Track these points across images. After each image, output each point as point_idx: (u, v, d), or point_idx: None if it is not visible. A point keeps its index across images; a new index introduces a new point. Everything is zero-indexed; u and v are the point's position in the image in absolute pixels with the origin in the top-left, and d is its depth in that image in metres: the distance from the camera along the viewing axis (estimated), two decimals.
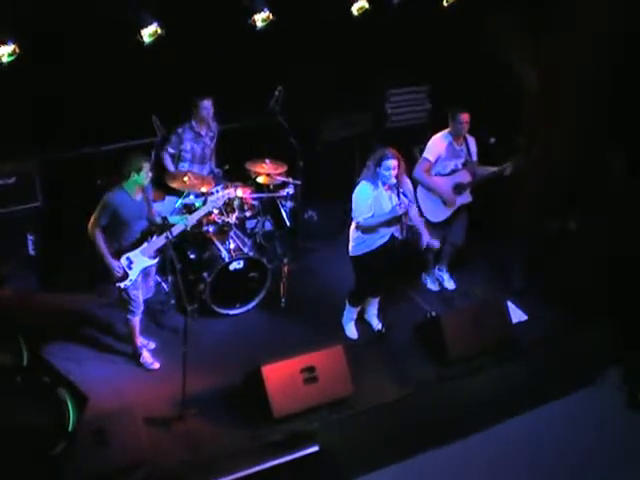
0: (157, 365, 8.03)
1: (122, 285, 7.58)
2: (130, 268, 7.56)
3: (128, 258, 7.55)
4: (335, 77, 10.27)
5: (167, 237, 7.48)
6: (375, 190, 7.79)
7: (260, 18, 8.71)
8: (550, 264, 9.40)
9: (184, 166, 9.24)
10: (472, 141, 8.97)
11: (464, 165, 8.93)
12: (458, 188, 8.93)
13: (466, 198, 9.05)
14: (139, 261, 7.61)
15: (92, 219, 7.42)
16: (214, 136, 9.34)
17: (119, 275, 7.52)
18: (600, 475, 7.90)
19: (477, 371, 8.29)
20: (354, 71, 10.33)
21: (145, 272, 7.79)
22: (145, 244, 7.63)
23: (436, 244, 8.30)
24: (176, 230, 7.68)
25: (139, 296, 7.78)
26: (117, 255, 7.51)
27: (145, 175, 7.41)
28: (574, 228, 9.42)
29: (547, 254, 9.43)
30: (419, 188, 8.90)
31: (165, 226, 7.52)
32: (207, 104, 9.07)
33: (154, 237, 7.65)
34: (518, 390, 8.44)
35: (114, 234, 7.50)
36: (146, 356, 8.05)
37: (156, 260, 7.80)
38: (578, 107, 9.28)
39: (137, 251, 7.59)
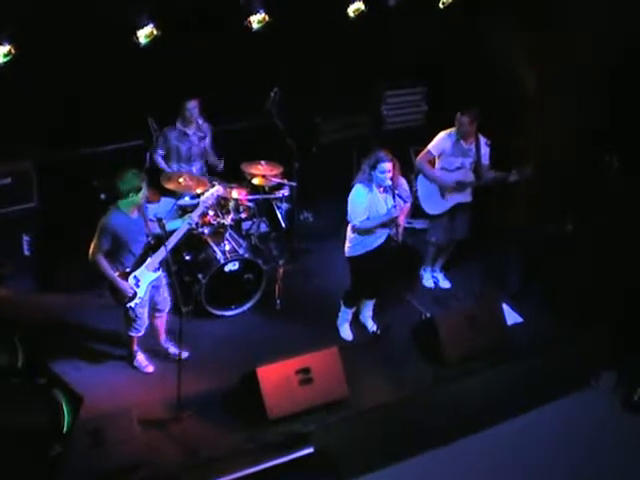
0: (151, 368, 8.01)
1: (132, 304, 7.53)
2: (138, 286, 7.48)
3: (135, 277, 7.46)
4: (331, 79, 10.28)
5: (166, 249, 7.40)
6: (370, 193, 7.82)
7: (256, 19, 8.71)
8: (547, 266, 9.40)
9: (171, 165, 9.23)
10: (484, 143, 8.94)
11: (472, 165, 8.94)
12: (459, 185, 8.94)
13: (466, 197, 9.06)
14: (145, 277, 7.52)
15: (93, 246, 7.26)
16: (204, 136, 9.29)
17: (129, 295, 7.45)
18: (597, 476, 7.91)
19: (473, 373, 8.29)
20: (350, 73, 10.34)
21: (154, 285, 7.71)
22: (149, 259, 7.53)
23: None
24: (181, 232, 7.59)
25: (144, 313, 7.73)
26: (123, 276, 7.42)
27: (142, 195, 7.25)
28: (571, 230, 9.43)
29: (544, 256, 9.44)
30: (419, 178, 8.95)
31: (164, 237, 7.39)
32: (192, 105, 9.04)
33: (153, 251, 7.57)
34: (515, 391, 8.44)
35: (117, 256, 7.38)
36: (140, 359, 8.04)
37: (160, 272, 7.69)
38: (576, 108, 9.29)
39: (142, 268, 7.49)
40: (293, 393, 7.50)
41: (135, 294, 7.47)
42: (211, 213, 8.73)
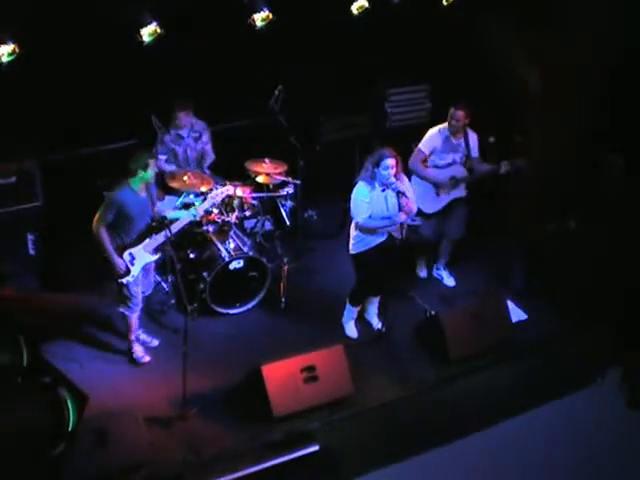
0: (147, 359, 8.07)
1: (124, 281, 7.62)
2: (132, 264, 7.61)
3: (131, 254, 7.61)
4: (335, 77, 10.28)
5: (167, 235, 7.57)
6: (372, 191, 7.83)
7: (259, 17, 8.72)
8: (550, 264, 9.40)
9: (171, 167, 9.24)
10: (473, 137, 8.96)
11: (463, 160, 8.96)
12: (453, 181, 8.95)
13: (460, 192, 9.09)
14: (141, 257, 7.66)
15: (97, 216, 7.46)
16: (199, 136, 9.29)
17: (122, 271, 7.56)
18: (600, 475, 7.91)
19: (477, 370, 8.30)
20: (354, 71, 10.34)
21: (145, 268, 7.83)
22: (147, 240, 7.68)
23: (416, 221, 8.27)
24: (184, 222, 7.78)
25: (139, 292, 7.83)
26: (120, 251, 7.55)
27: (151, 172, 7.49)
28: (573, 227, 9.42)
29: (547, 253, 9.43)
30: (413, 178, 8.94)
31: (167, 222, 7.61)
32: (181, 115, 9.03)
33: (154, 233, 7.72)
34: (518, 389, 8.45)
35: (118, 231, 7.54)
36: (137, 350, 8.09)
37: (157, 256, 7.84)
38: (577, 107, 9.28)
39: (139, 247, 7.64)
40: (298, 391, 7.50)
41: (128, 271, 7.58)
42: (215, 211, 8.75)
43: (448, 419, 8.08)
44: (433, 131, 8.94)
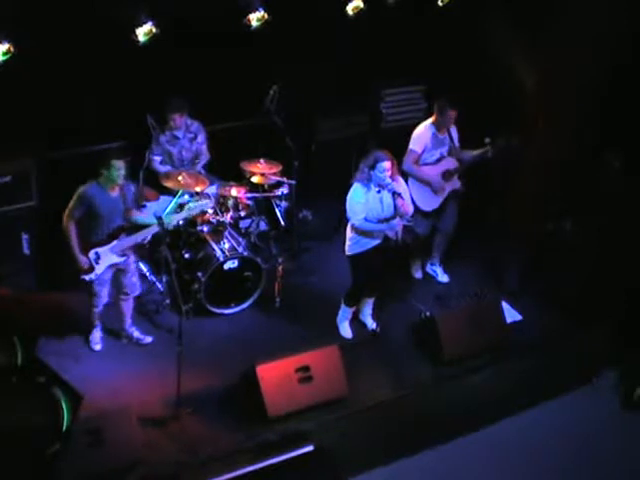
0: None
1: (87, 278, 7.67)
2: (97, 263, 7.63)
3: (96, 253, 7.61)
4: (330, 77, 10.27)
5: (147, 236, 7.75)
6: (368, 192, 7.85)
7: (255, 18, 8.71)
8: (547, 264, 9.40)
9: (166, 168, 9.22)
10: (453, 128, 9.05)
11: (449, 152, 9.02)
12: (446, 175, 9.00)
13: (455, 184, 9.13)
14: (106, 258, 7.66)
15: (67, 211, 7.53)
16: (195, 137, 9.28)
17: (84, 268, 7.59)
18: (596, 474, 7.92)
19: (472, 371, 8.30)
20: (349, 71, 10.34)
21: (118, 269, 7.84)
22: (115, 242, 7.67)
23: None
24: (153, 230, 7.77)
25: (103, 292, 7.87)
26: (86, 249, 7.58)
27: (116, 173, 7.43)
28: (570, 227, 9.43)
29: (544, 254, 9.44)
30: (410, 180, 8.95)
31: (161, 221, 7.60)
32: (176, 117, 9.02)
33: (125, 235, 7.72)
34: (514, 390, 8.46)
35: (86, 228, 7.57)
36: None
37: (124, 258, 7.80)
38: (576, 107, 9.28)
39: (106, 248, 7.65)
40: (293, 391, 7.50)
41: (91, 269, 7.62)
42: (210, 211, 8.74)
43: (444, 419, 8.08)
44: (421, 129, 8.97)
